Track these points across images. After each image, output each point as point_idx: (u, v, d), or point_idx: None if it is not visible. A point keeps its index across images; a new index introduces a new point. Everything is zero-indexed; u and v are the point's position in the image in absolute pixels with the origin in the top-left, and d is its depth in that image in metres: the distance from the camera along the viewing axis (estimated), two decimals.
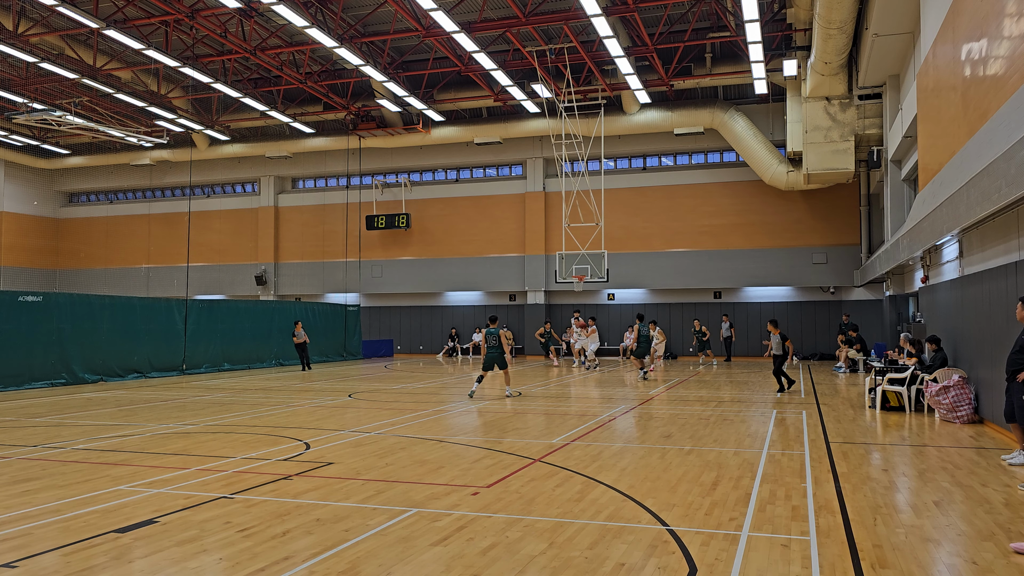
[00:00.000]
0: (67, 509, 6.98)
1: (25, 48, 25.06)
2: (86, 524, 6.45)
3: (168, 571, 5.28)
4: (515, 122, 32.93)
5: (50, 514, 6.80)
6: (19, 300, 20.16)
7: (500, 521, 6.50)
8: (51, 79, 28.68)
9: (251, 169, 38.79)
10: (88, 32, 25.00)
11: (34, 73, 28.59)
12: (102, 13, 23.19)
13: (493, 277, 35.43)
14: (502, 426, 12.48)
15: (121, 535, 6.11)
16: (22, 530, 6.30)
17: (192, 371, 25.12)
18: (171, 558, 5.55)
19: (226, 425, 12.71)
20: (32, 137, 37.08)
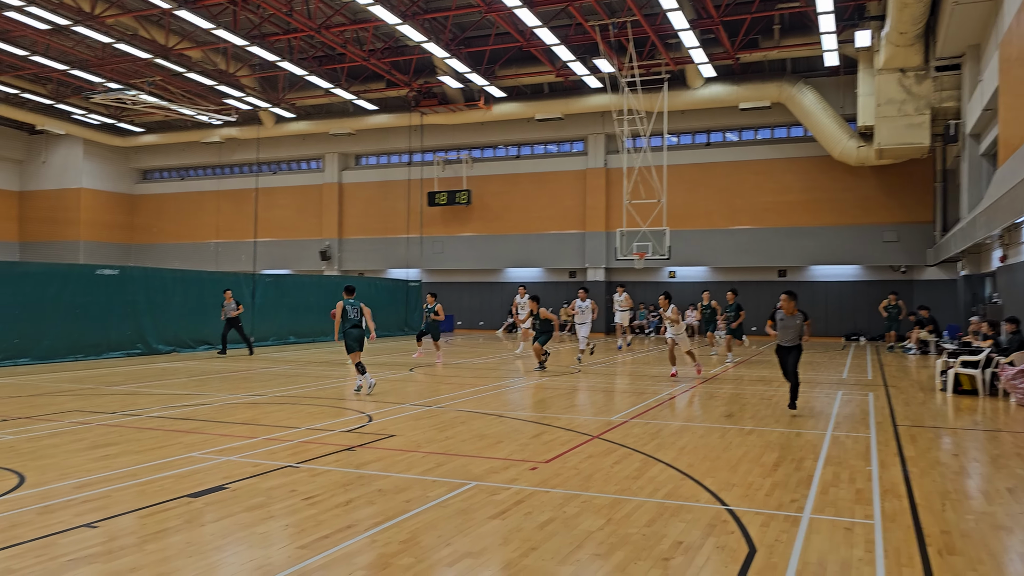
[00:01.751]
0: (143, 474, 7.29)
1: (101, 29, 25.86)
2: (160, 488, 6.72)
3: (237, 535, 5.48)
4: (576, 98, 32.65)
5: (127, 478, 7.10)
6: (97, 273, 20.97)
7: (558, 496, 6.55)
8: (126, 59, 29.54)
9: (315, 146, 39.40)
10: (160, 12, 25.63)
11: (110, 53, 29.47)
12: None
13: (553, 254, 35.38)
14: (561, 402, 12.52)
15: (193, 500, 6.36)
16: (102, 492, 6.61)
17: (259, 344, 25.79)
18: (240, 523, 5.76)
19: (292, 396, 13.05)
20: (108, 116, 38.34)
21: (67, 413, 11.01)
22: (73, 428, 9.84)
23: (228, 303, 21.56)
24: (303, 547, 5.21)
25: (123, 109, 37.22)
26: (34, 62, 30.17)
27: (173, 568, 4.79)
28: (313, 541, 5.33)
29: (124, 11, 25.43)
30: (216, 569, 4.81)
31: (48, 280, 19.60)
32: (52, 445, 8.70)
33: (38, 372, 17.07)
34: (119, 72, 31.58)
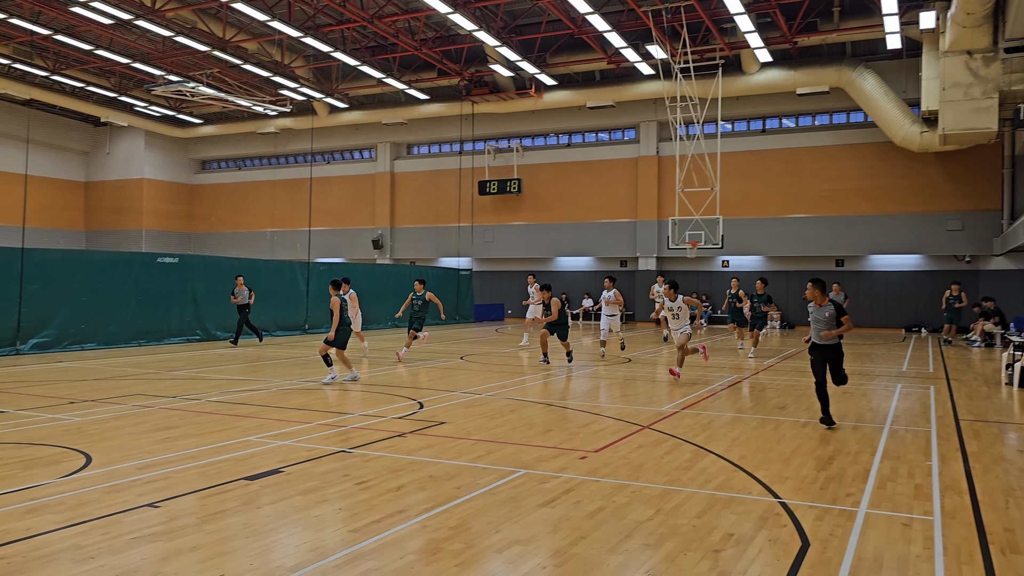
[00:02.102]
0: (202, 456, 7.49)
1: (162, 22, 26.48)
2: (219, 471, 6.91)
3: (292, 518, 5.60)
4: (628, 85, 32.33)
5: (188, 460, 7.31)
6: (158, 261, 21.56)
7: (607, 486, 6.54)
8: (185, 52, 30.22)
9: (368, 136, 39.79)
10: (218, 5, 26.12)
11: (170, 47, 30.17)
12: None
13: (604, 242, 35.19)
14: (611, 392, 12.48)
15: (250, 482, 6.52)
16: (164, 473, 6.82)
17: (313, 330, 26.25)
18: (295, 506, 5.89)
19: (345, 383, 13.26)
20: (169, 108, 39.29)
21: (131, 397, 11.37)
22: (136, 411, 10.16)
23: (240, 290, 20.68)
24: (355, 531, 5.30)
25: (183, 101, 38.10)
26: (99, 56, 31.04)
27: (231, 548, 4.93)
28: (365, 525, 5.43)
29: (183, 5, 25.98)
30: (272, 550, 4.93)
31: (112, 268, 20.21)
32: (117, 427, 9.00)
33: (103, 357, 17.65)
34: (179, 65, 32.31)
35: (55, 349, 18.53)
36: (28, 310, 17.94)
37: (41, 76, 33.91)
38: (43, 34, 28.51)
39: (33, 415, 9.76)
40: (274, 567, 4.62)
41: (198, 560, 4.71)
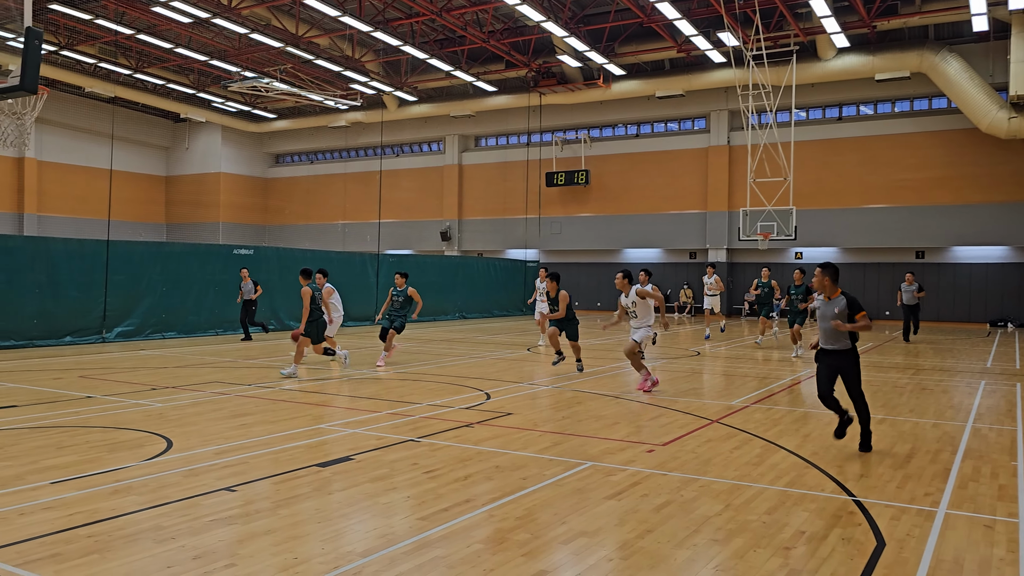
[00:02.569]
0: (276, 443, 7.71)
1: (237, 20, 27.21)
2: (292, 457, 7.09)
3: (362, 504, 5.72)
4: (699, 73, 31.78)
5: (262, 446, 7.53)
6: (234, 253, 22.21)
7: (675, 480, 6.48)
8: (259, 48, 31.00)
9: (436, 128, 40.14)
10: (291, 2, 26.69)
11: (245, 44, 30.98)
12: None
13: (673, 234, 34.75)
14: (679, 386, 12.34)
15: (322, 469, 6.67)
16: (240, 459, 7.04)
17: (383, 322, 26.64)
18: (365, 493, 6.00)
19: (413, 373, 13.44)
20: (244, 103, 40.38)
21: (209, 384, 11.76)
22: (214, 398, 10.50)
23: (245, 283, 19.45)
24: (423, 518, 5.38)
25: (257, 96, 39.10)
26: (178, 54, 32.10)
27: (303, 532, 5.06)
28: (433, 513, 5.50)
29: (258, 2, 26.65)
30: (343, 535, 5.04)
31: (191, 259, 20.92)
32: (195, 413, 9.33)
33: (183, 345, 18.30)
34: (253, 61, 33.16)
35: (138, 337, 19.30)
36: (113, 300, 18.71)
37: (125, 74, 35.25)
38: (127, 34, 29.63)
39: (118, 400, 10.19)
40: (344, 552, 4.73)
41: (272, 543, 4.85)
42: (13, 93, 6.62)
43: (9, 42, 25.26)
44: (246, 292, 19.45)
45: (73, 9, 26.68)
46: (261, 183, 46.58)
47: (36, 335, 17.27)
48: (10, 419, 8.81)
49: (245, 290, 19.46)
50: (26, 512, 5.39)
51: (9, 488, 5.95)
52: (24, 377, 12.35)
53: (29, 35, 6.28)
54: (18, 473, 6.40)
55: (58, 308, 17.74)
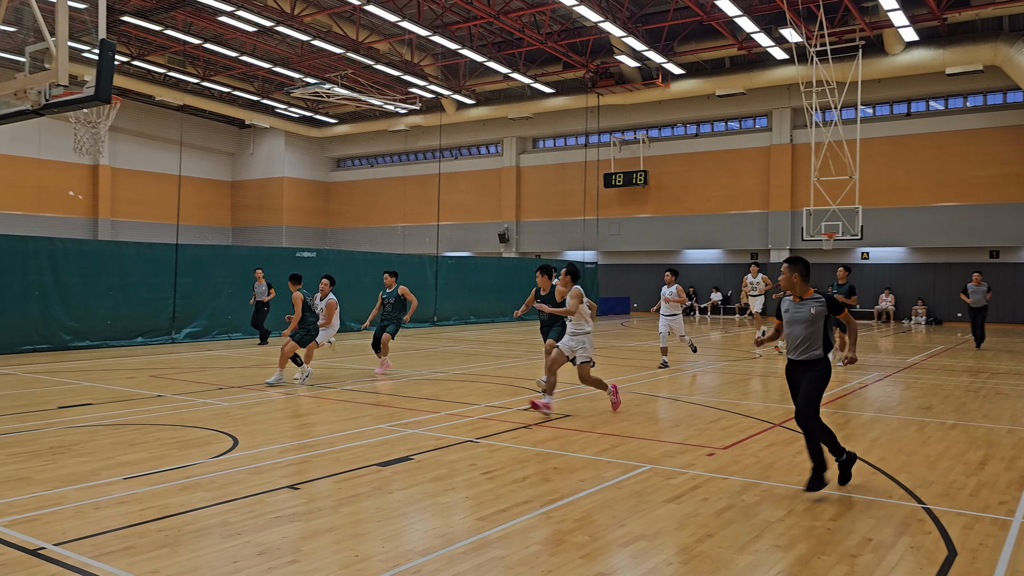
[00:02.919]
0: (338, 442, 7.84)
1: (300, 28, 27.81)
2: (353, 456, 7.20)
3: (422, 504, 5.78)
4: (760, 71, 31.23)
5: (324, 446, 7.67)
6: (297, 256, 22.68)
7: (736, 484, 6.37)
8: (321, 55, 31.62)
9: (494, 131, 40.31)
10: (352, 8, 27.15)
11: (307, 50, 31.62)
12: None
13: (734, 234, 34.21)
14: (740, 388, 12.14)
15: (382, 468, 6.77)
16: (303, 457, 7.19)
17: (442, 323, 26.91)
18: (424, 493, 6.06)
19: (472, 374, 13.52)
20: (307, 109, 41.21)
21: (273, 384, 12.02)
22: (278, 398, 10.74)
23: (259, 285, 18.79)
24: (482, 519, 5.41)
25: (319, 102, 39.85)
26: (243, 62, 32.93)
27: (364, 530, 5.13)
28: (491, 514, 5.52)
29: (320, 9, 27.18)
30: (403, 534, 5.10)
31: (256, 262, 21.40)
32: (260, 413, 9.55)
33: (248, 346, 18.75)
34: (315, 67, 33.81)
35: (205, 338, 19.86)
36: (181, 301, 19.29)
37: (193, 83, 36.33)
38: (195, 43, 30.54)
39: (186, 399, 10.50)
40: (404, 551, 4.78)
41: (334, 541, 4.94)
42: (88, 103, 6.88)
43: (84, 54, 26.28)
44: (259, 294, 18.86)
45: (144, 21, 27.62)
46: (323, 187, 47.44)
47: (110, 336, 17.92)
48: (86, 417, 9.15)
49: (258, 292, 18.86)
50: (101, 506, 5.60)
51: (85, 483, 6.18)
52: (99, 376, 12.82)
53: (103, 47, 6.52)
54: (94, 468, 6.65)
55: (130, 310, 18.37)
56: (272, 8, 26.69)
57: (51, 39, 6.61)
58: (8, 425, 8.54)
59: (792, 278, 6.34)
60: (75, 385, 11.77)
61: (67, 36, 6.56)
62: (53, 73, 6.59)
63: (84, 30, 27.91)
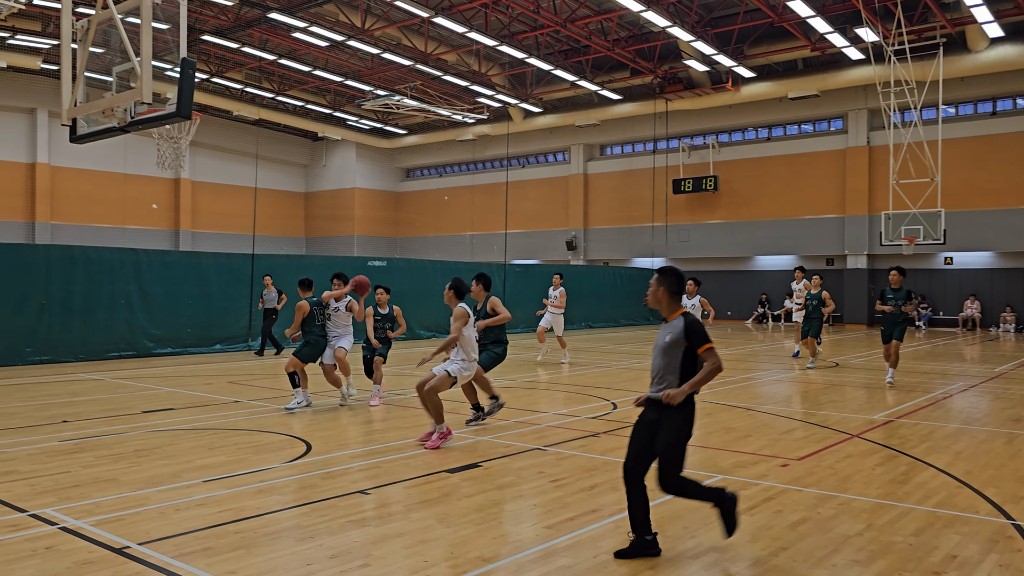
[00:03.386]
0: (407, 448, 7.93)
1: (370, 41, 28.38)
2: (423, 463, 7.28)
3: (490, 511, 5.79)
4: (835, 72, 30.43)
5: (394, 452, 7.77)
6: (368, 264, 23.08)
7: (811, 496, 6.20)
8: (391, 67, 32.19)
9: (562, 138, 40.31)
10: (420, 21, 27.56)
11: (377, 63, 32.23)
12: (431, 3, 25.39)
13: (808, 240, 33.38)
14: (816, 398, 11.81)
15: (451, 475, 6.81)
16: (374, 463, 7.29)
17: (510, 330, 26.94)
18: (493, 500, 6.08)
19: (540, 382, 13.51)
20: (377, 121, 41.99)
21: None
22: (350, 403, 10.93)
23: (268, 291, 18.00)
24: (550, 527, 5.39)
25: (389, 113, 40.54)
26: (316, 76, 33.77)
27: (433, 536, 5.18)
28: (560, 522, 5.50)
29: (389, 23, 27.69)
30: (471, 540, 5.13)
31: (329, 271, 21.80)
32: (332, 418, 9.74)
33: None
34: (385, 80, 34.42)
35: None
36: (258, 310, 19.82)
37: (268, 97, 37.44)
38: (270, 59, 31.47)
39: (262, 405, 10.79)
40: (473, 557, 4.81)
41: (404, 546, 4.99)
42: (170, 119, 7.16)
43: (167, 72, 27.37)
44: (268, 301, 18.08)
45: (223, 39, 28.63)
46: (393, 197, 48.20)
47: (190, 343, 18.55)
48: (168, 421, 9.49)
49: (267, 299, 18.07)
50: (181, 508, 5.79)
51: (167, 485, 6.41)
52: (179, 382, 13.28)
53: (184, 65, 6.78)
54: (175, 471, 6.89)
55: (209, 318, 18.99)
56: (343, 23, 27.34)
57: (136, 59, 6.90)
58: (96, 428, 8.92)
59: (658, 293, 5.03)
60: (158, 391, 12.22)
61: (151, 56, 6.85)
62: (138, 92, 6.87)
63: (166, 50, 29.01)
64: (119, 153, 36.60)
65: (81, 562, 4.64)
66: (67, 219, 35.87)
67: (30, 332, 15.94)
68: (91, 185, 36.55)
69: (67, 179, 35.94)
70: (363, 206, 46.14)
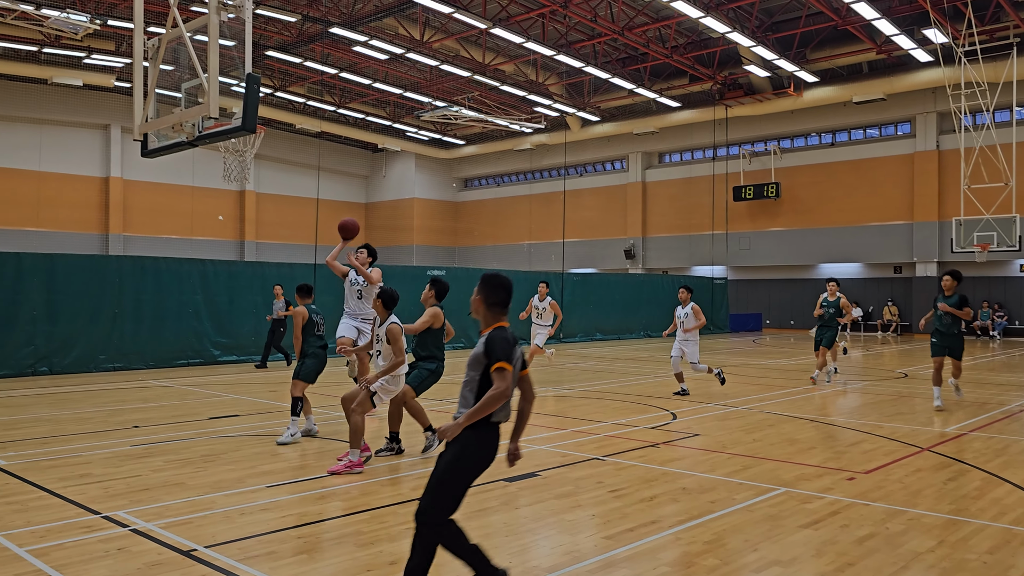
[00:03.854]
0: None
1: (429, 53, 28.76)
2: None
3: (548, 520, 5.78)
4: (901, 75, 29.63)
5: None
6: (427, 274, 23.31)
7: (879, 511, 6.02)
8: (449, 79, 32.54)
9: (619, 147, 40.12)
10: (478, 32, 27.80)
11: (436, 75, 32.62)
12: (489, 14, 25.58)
13: (874, 247, 32.50)
14: (884, 409, 11.47)
15: (509, 484, 6.82)
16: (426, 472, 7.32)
17: (568, 340, 26.91)
18: (551, 509, 6.06)
19: (598, 391, 13.44)
20: (436, 132, 42.46)
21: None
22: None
23: (278, 302, 17.43)
24: (609, 537, 5.35)
25: (447, 124, 40.96)
26: (376, 89, 34.33)
27: (493, 544, 5.18)
28: (618, 533, 5.45)
29: (447, 35, 28.00)
30: (530, 550, 5.12)
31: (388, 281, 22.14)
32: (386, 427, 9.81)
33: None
34: (443, 91, 34.80)
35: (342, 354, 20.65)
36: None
37: (329, 110, 38.22)
38: (331, 73, 32.13)
39: (323, 412, 10.97)
40: (531, 567, 4.80)
41: None
42: (236, 133, 7.36)
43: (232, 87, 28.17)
44: (276, 309, 17.47)
45: (286, 54, 29.34)
46: (451, 206, 48.62)
47: (254, 351, 18.97)
48: (233, 427, 9.73)
49: (277, 309, 17.48)
50: (246, 512, 5.92)
51: (232, 490, 6.56)
52: (244, 389, 13.60)
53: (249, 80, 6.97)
54: (239, 476, 7.05)
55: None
56: (403, 36, 27.76)
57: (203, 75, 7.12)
58: (165, 434, 9.19)
59: (475, 302, 4.55)
60: (223, 397, 12.54)
61: (218, 72, 7.06)
62: (205, 107, 7.09)
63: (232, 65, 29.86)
64: (187, 166, 37.76)
65: (151, 563, 4.77)
66: (138, 231, 37.14)
67: (103, 340, 16.52)
68: (161, 197, 37.79)
69: (139, 192, 37.24)
70: (422, 216, 46.64)
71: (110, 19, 25.26)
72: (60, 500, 6.18)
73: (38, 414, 10.69)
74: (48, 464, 7.48)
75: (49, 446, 8.42)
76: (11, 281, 15.32)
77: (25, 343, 15.45)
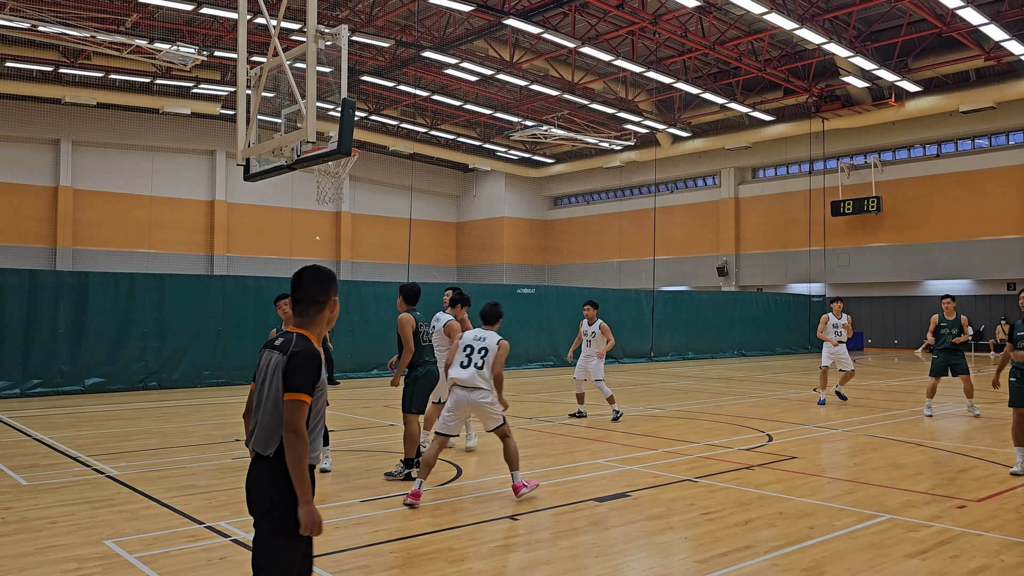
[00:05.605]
0: (556, 475, 7.93)
1: (518, 74, 29.07)
2: (570, 490, 7.25)
3: (639, 543, 5.68)
4: (1012, 82, 28.14)
5: (543, 478, 7.78)
6: (517, 292, 23.44)
7: (992, 541, 5.67)
8: (538, 98, 32.78)
9: (711, 162, 39.47)
10: (567, 52, 27.96)
11: (525, 95, 32.93)
12: (578, 33, 25.70)
13: (984, 262, 30.83)
14: (997, 434, 10.82)
15: (599, 504, 6.75)
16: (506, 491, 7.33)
17: (659, 358, 26.52)
18: (642, 531, 5.96)
19: (690, 411, 13.18)
20: (525, 151, 42.81)
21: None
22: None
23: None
24: (701, 561, 5.22)
25: (537, 143, 41.24)
26: (467, 110, 34.92)
27: (582, 565, 5.13)
28: (711, 557, 5.32)
29: (537, 55, 28.25)
30: (620, 571, 5.04)
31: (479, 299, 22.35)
32: (483, 444, 9.88)
33: None
34: (533, 110, 35.08)
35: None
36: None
37: (421, 132, 39.08)
38: (423, 96, 32.86)
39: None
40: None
41: (552, 574, 4.98)
42: (332, 156, 7.61)
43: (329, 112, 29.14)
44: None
45: (380, 79, 30.21)
46: (541, 225, 48.82)
47: (349, 368, 19.46)
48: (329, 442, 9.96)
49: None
50: (340, 526, 6.05)
51: (327, 503, 6.72)
52: (339, 405, 13.94)
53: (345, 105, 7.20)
54: (335, 490, 7.22)
55: (366, 343, 19.85)
56: (493, 57, 28.16)
57: (302, 101, 7.41)
58: None
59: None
60: None
61: (315, 97, 7.33)
62: (304, 131, 7.36)
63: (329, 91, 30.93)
64: (286, 189, 39.23)
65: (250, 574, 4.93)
66: (241, 251, 38.78)
67: (207, 356, 17.26)
68: (262, 219, 39.37)
69: (241, 214, 38.91)
70: (512, 234, 47.00)
71: (216, 50, 26.62)
72: (167, 509, 6.47)
73: (147, 427, 11.24)
74: (156, 475, 7.84)
75: (157, 457, 8.83)
76: (125, 300, 16.22)
77: (136, 359, 16.30)
